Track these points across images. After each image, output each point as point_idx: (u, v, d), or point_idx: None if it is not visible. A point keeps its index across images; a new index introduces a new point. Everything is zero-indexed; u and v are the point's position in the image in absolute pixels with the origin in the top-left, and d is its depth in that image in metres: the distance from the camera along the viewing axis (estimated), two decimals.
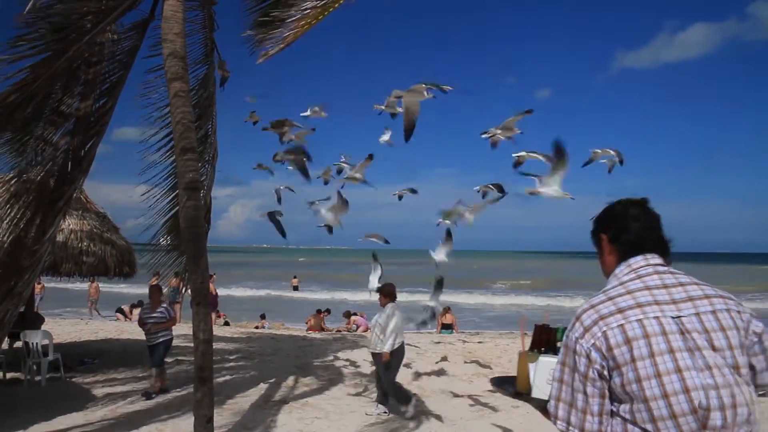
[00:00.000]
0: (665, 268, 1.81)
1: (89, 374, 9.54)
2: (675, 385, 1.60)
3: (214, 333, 13.72)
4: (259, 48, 7.05)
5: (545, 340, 1.80)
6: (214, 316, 18.92)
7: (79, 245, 9.26)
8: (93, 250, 9.37)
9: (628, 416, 1.65)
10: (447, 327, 16.23)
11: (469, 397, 8.44)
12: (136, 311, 18.52)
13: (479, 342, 13.44)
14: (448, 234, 6.61)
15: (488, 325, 20.81)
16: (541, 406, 1.66)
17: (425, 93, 5.53)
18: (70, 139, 5.49)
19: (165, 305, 8.75)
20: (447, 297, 18.27)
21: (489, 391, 8.81)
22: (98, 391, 8.39)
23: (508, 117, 6.09)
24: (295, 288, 36.10)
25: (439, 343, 13.03)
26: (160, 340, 8.54)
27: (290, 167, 6.85)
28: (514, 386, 1.91)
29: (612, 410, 1.69)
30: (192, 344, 6.17)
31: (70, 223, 9.34)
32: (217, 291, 18.91)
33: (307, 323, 17.72)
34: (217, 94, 7.60)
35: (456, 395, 8.54)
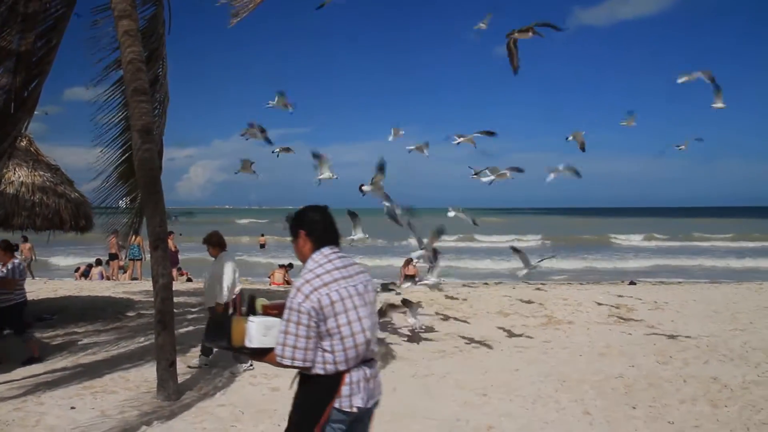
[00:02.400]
0: (342, 254, 2.85)
1: (48, 329, 9.39)
2: (357, 327, 2.69)
3: (177, 289, 13.66)
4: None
5: (250, 308, 2.35)
6: (176, 273, 18.74)
7: (32, 198, 8.98)
8: (46, 202, 9.09)
9: (327, 348, 2.65)
10: (410, 278, 16.43)
11: (432, 341, 8.70)
12: (96, 270, 18.25)
13: (441, 291, 13.65)
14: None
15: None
16: (256, 352, 2.77)
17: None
18: (12, 78, 5.27)
19: (14, 264, 7.45)
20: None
21: (449, 334, 9.08)
22: (58, 344, 8.30)
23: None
24: (262, 246, 35.73)
25: (399, 294, 13.20)
26: (10, 303, 7.38)
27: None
28: (225, 341, 2.51)
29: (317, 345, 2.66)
30: (152, 299, 6.15)
31: (20, 175, 9.02)
32: (178, 248, 18.67)
33: (270, 277, 17.75)
34: (166, 36, 7.36)
35: (418, 338, 8.76)
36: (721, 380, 6.58)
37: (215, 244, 7.13)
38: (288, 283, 17.19)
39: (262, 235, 37.31)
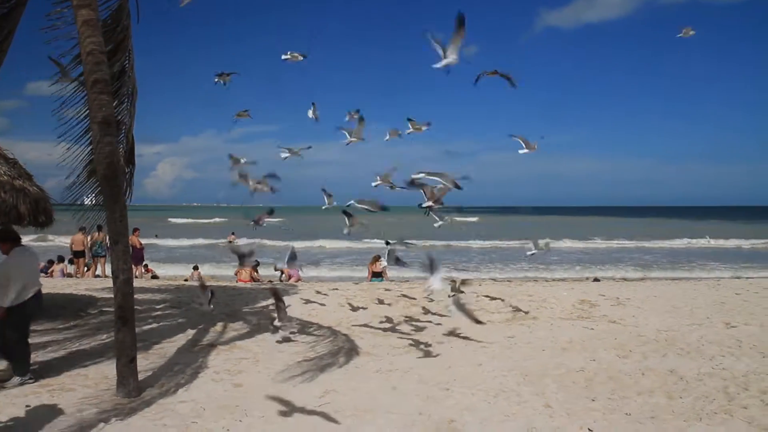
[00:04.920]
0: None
1: None
2: None
3: (142, 285, 13.43)
4: None
5: None
6: (142, 269, 18.47)
7: None
8: (3, 197, 8.81)
9: None
10: (377, 275, 16.47)
11: (395, 335, 8.73)
12: (58, 267, 17.85)
13: (410, 287, 13.70)
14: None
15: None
16: None
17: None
18: None
19: None
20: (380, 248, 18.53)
21: (414, 330, 9.11)
22: None
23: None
24: (231, 243, 35.27)
25: (367, 290, 13.22)
26: None
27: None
28: None
29: None
30: None
31: None
32: (143, 245, 18.40)
33: (236, 274, 17.59)
34: (133, 27, 7.23)
35: (384, 332, 8.79)
36: (678, 373, 6.75)
37: (4, 239, 6.53)
38: (255, 280, 17.07)
39: (232, 233, 36.94)
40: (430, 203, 6.62)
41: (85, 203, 9.37)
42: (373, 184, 7.01)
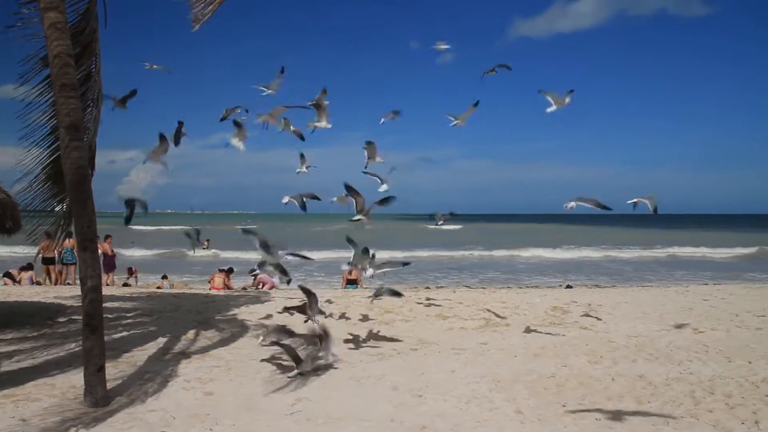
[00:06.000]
0: None
1: None
2: None
3: (113, 293, 13.22)
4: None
5: None
6: (112, 277, 18.17)
7: None
8: None
9: None
10: (352, 282, 16.44)
11: (369, 343, 8.72)
12: (26, 274, 17.46)
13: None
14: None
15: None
16: None
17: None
18: None
19: None
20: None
21: (387, 337, 9.11)
22: None
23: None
24: (205, 249, 35.06)
25: (342, 297, 13.19)
26: None
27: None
28: None
29: None
30: None
31: None
32: (115, 252, 18.11)
33: (209, 282, 17.40)
34: (101, 31, 7.14)
35: (356, 341, 8.77)
36: (647, 378, 6.86)
37: None
38: (228, 287, 16.90)
39: (208, 240, 36.65)
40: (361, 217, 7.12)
41: (56, 209, 9.21)
42: (284, 201, 7.38)
